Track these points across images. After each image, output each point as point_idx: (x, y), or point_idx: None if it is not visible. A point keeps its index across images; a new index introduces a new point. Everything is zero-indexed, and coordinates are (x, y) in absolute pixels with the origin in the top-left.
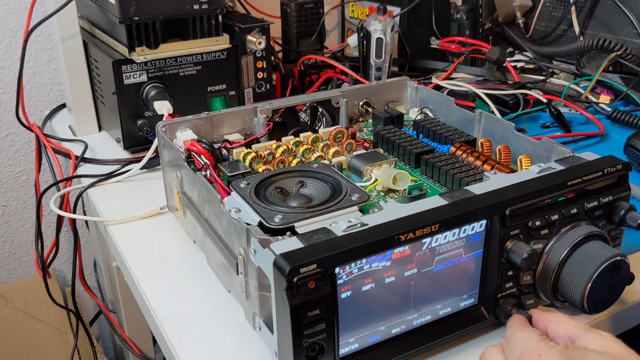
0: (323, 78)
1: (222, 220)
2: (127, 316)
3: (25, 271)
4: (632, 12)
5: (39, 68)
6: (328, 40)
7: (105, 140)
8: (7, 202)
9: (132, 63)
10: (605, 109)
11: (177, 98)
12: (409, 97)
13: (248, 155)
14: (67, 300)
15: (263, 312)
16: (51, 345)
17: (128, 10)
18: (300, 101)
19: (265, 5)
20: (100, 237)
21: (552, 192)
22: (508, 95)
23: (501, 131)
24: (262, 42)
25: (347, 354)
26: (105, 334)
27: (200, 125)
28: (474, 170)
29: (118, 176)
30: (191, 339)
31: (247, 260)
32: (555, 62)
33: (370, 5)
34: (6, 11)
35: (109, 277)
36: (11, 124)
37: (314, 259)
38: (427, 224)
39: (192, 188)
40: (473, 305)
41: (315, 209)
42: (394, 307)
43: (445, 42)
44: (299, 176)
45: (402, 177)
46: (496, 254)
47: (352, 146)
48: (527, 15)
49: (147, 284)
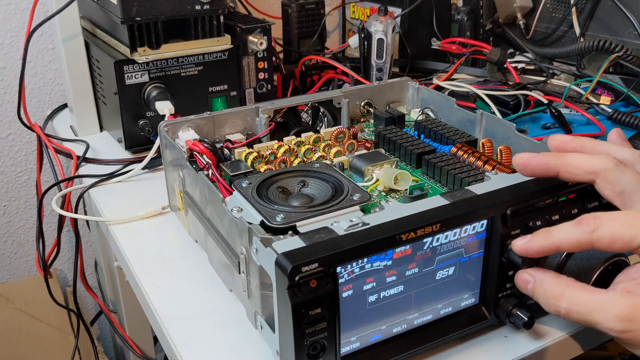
0: (324, 79)
1: (224, 220)
2: (128, 316)
3: (26, 271)
4: (633, 13)
5: (41, 68)
6: (329, 41)
7: (107, 140)
8: (8, 202)
9: (134, 63)
10: (605, 110)
11: (178, 98)
12: (410, 98)
13: (250, 155)
14: (68, 300)
15: (265, 311)
16: (52, 345)
17: (130, 11)
18: (302, 101)
19: (266, 6)
20: (102, 237)
21: (553, 192)
22: (509, 96)
23: (502, 132)
24: (263, 43)
25: (349, 352)
26: (106, 334)
27: (202, 125)
28: (475, 170)
29: (120, 176)
30: (193, 338)
31: (249, 260)
32: (556, 63)
33: (371, 6)
34: (8, 11)
35: (110, 277)
36: (12, 124)
37: (315, 258)
38: (429, 224)
39: (194, 188)
40: (474, 305)
41: (316, 208)
42: (395, 307)
43: (446, 43)
44: (301, 176)
45: (403, 177)
46: (497, 254)
47: (353, 146)
48: (528, 17)
49: (149, 284)
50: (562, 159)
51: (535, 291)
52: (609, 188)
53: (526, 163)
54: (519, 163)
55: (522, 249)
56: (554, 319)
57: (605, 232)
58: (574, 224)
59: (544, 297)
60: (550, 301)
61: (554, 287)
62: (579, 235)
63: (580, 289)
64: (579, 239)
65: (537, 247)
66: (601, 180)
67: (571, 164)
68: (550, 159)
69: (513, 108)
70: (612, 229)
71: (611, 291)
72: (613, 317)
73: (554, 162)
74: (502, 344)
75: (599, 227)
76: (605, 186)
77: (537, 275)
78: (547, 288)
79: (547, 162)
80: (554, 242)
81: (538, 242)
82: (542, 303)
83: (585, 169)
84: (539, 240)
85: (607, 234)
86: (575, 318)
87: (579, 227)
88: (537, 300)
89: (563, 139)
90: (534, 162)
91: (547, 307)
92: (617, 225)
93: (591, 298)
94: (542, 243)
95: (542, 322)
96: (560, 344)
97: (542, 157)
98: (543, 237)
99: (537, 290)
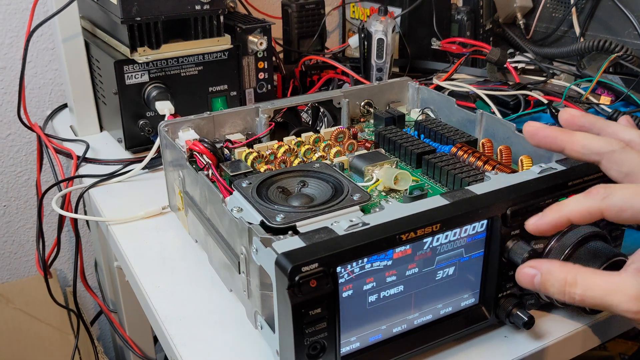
0: (324, 79)
1: (224, 220)
2: (128, 316)
3: (26, 271)
4: (633, 13)
5: (41, 68)
6: (329, 41)
7: (107, 140)
8: (8, 202)
9: (134, 63)
10: (605, 110)
11: (178, 98)
12: (410, 98)
13: (250, 155)
14: (68, 300)
15: (265, 311)
16: (52, 345)
17: (130, 11)
18: (302, 101)
19: (266, 6)
20: (102, 237)
21: (552, 192)
22: (509, 96)
23: (502, 132)
24: (263, 43)
25: (348, 352)
26: (106, 334)
27: (202, 125)
28: (475, 170)
29: (120, 176)
30: (193, 338)
31: (249, 260)
32: (556, 63)
33: (371, 6)
34: (8, 11)
35: (110, 277)
36: (12, 124)
37: (315, 258)
38: (429, 224)
39: (194, 188)
40: (474, 305)
41: (316, 208)
42: (395, 307)
43: (446, 43)
44: (301, 176)
45: (403, 177)
46: (497, 254)
47: (353, 146)
48: (528, 17)
49: (149, 284)
50: (570, 136)
51: (546, 282)
52: (615, 169)
53: (535, 132)
54: (528, 130)
55: (534, 226)
56: (554, 319)
57: (616, 199)
58: (584, 194)
59: (556, 287)
60: (564, 289)
61: (566, 275)
62: (589, 204)
63: (592, 274)
64: (590, 208)
65: (548, 221)
66: (607, 161)
67: (578, 141)
68: (558, 134)
69: (513, 108)
70: (623, 197)
71: (623, 273)
72: (628, 298)
73: (561, 138)
74: (502, 344)
75: (609, 195)
76: (611, 167)
77: (543, 266)
78: (558, 276)
79: (555, 136)
80: (564, 214)
81: (549, 216)
82: (554, 293)
83: (591, 149)
84: (550, 214)
85: (617, 201)
86: (590, 303)
87: (589, 196)
88: (546, 292)
89: (574, 113)
90: (542, 134)
91: (561, 295)
92: (627, 194)
93: (604, 281)
94: (553, 216)
95: (542, 322)
96: (560, 344)
97: (551, 131)
98: (554, 211)
99: (547, 281)
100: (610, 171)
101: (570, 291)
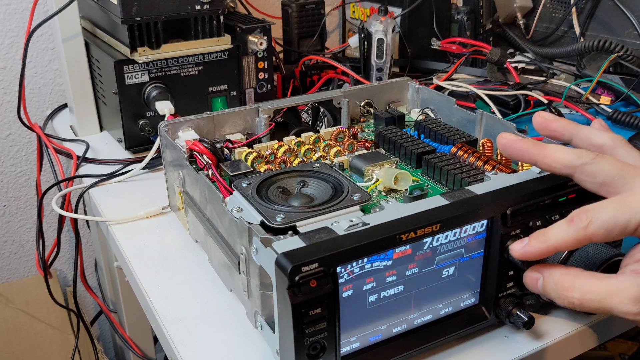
0: (324, 79)
1: (224, 220)
2: (128, 316)
3: (26, 271)
4: (633, 13)
5: (41, 68)
6: (329, 41)
7: (107, 140)
8: (8, 202)
9: (134, 63)
10: (605, 110)
11: (178, 98)
12: (410, 98)
13: (250, 155)
14: (67, 300)
15: (265, 311)
16: (52, 345)
17: (130, 11)
18: (302, 101)
19: (266, 6)
20: (102, 237)
21: (552, 192)
22: (509, 96)
23: (502, 132)
24: (263, 43)
25: (348, 352)
26: (106, 334)
27: (202, 125)
28: (475, 170)
29: (120, 176)
30: (193, 338)
31: (249, 259)
32: (556, 63)
33: (371, 6)
34: (8, 11)
35: (110, 277)
36: (12, 124)
37: (315, 257)
38: (429, 224)
39: (194, 187)
40: (474, 305)
41: (316, 208)
42: (395, 307)
43: (446, 43)
44: (301, 176)
45: (403, 177)
46: (497, 254)
47: (353, 146)
48: (528, 17)
49: (149, 284)
50: (542, 150)
51: (546, 286)
52: (589, 181)
53: (508, 145)
54: (502, 143)
55: (520, 253)
56: (554, 319)
57: (599, 224)
58: (567, 223)
59: (555, 291)
60: (562, 294)
61: (564, 279)
62: (574, 233)
63: (590, 277)
64: (575, 237)
65: (535, 251)
66: (579, 174)
67: (549, 155)
68: (530, 146)
69: (513, 108)
70: (604, 219)
71: (621, 275)
72: (627, 299)
73: (532, 151)
74: (502, 344)
75: (591, 220)
76: (584, 179)
77: (544, 270)
78: (557, 281)
79: (527, 149)
80: (551, 245)
81: (536, 246)
82: (554, 297)
83: (562, 163)
84: (537, 244)
85: (601, 226)
86: (589, 307)
87: (572, 226)
88: (548, 296)
89: (547, 117)
90: (515, 147)
91: (560, 300)
92: (608, 215)
93: (602, 284)
94: (540, 247)
95: (542, 322)
96: (560, 344)
97: (523, 144)
98: (540, 241)
99: (548, 284)
100: (584, 183)
101: (568, 295)
